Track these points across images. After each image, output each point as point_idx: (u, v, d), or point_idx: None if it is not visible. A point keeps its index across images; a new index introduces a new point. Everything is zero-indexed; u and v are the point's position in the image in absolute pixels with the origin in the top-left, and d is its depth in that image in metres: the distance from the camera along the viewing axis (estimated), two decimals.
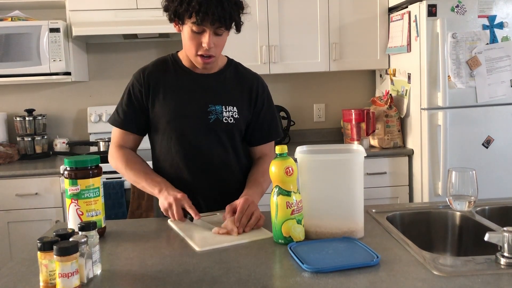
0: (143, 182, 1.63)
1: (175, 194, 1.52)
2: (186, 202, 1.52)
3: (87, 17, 3.06)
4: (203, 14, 1.47)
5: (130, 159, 1.69)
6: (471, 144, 2.88)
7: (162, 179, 1.62)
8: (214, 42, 1.55)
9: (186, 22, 1.54)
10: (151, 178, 1.63)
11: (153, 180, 1.62)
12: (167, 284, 1.09)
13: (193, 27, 1.52)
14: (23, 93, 3.46)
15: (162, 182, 1.61)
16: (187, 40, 1.57)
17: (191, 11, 1.49)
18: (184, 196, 1.53)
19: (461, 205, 1.53)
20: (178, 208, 1.50)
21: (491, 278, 1.06)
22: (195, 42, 1.55)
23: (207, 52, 1.56)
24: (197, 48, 1.56)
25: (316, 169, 1.37)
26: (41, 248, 1.06)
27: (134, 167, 1.67)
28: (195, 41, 1.55)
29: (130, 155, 1.70)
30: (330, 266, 1.13)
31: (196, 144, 1.67)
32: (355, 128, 3.18)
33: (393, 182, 3.08)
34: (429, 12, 2.80)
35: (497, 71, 2.86)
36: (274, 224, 1.34)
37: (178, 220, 1.51)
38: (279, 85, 3.62)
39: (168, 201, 1.51)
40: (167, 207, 1.52)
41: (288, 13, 3.23)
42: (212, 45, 1.54)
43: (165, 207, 1.52)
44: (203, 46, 1.54)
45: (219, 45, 1.59)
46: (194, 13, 1.48)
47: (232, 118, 1.67)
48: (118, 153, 1.70)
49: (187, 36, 1.56)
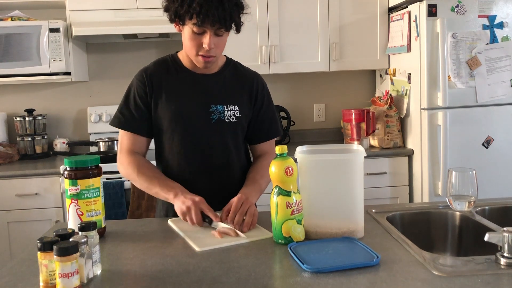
0: (156, 188, 1.59)
1: (193, 198, 1.49)
2: (204, 205, 1.49)
3: (87, 17, 3.06)
4: (203, 16, 1.47)
5: (141, 164, 1.65)
6: (471, 144, 2.88)
7: (176, 184, 1.59)
8: (215, 43, 1.55)
9: (186, 23, 1.54)
10: (165, 183, 1.59)
11: (167, 185, 1.58)
12: (167, 284, 1.09)
13: (193, 28, 1.52)
14: (23, 93, 3.46)
15: (177, 187, 1.57)
16: (188, 40, 1.57)
17: (191, 13, 1.48)
18: (201, 199, 1.50)
19: (461, 205, 1.53)
20: (197, 212, 1.47)
21: (491, 278, 1.06)
22: (195, 42, 1.55)
23: (207, 53, 1.56)
24: (198, 48, 1.56)
25: (316, 169, 1.37)
26: (41, 248, 1.06)
27: (146, 173, 1.63)
28: (196, 41, 1.55)
29: (141, 161, 1.66)
30: (330, 266, 1.13)
31: (199, 144, 1.67)
32: (355, 128, 3.18)
33: (393, 182, 3.08)
34: (429, 12, 2.81)
35: (497, 71, 2.86)
36: (274, 224, 1.34)
37: (197, 224, 1.47)
38: (279, 85, 3.62)
39: (186, 205, 1.47)
40: (185, 211, 1.47)
41: (288, 13, 3.23)
42: (212, 45, 1.54)
43: (183, 211, 1.48)
44: (203, 47, 1.55)
45: (220, 46, 1.59)
46: (195, 15, 1.48)
47: (234, 117, 1.68)
48: (128, 160, 1.65)
49: (187, 37, 1.56)
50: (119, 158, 1.69)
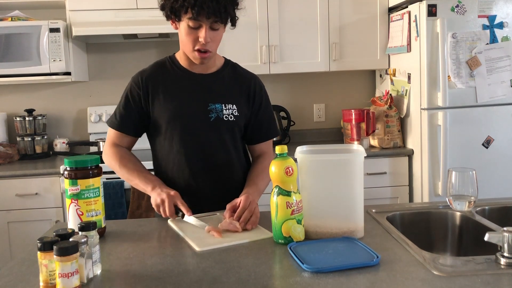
0: (136, 180, 1.65)
1: (168, 191, 1.56)
2: (178, 199, 1.55)
3: (87, 17, 3.06)
4: (198, 8, 1.50)
5: (124, 156, 1.71)
6: (471, 144, 2.88)
7: (155, 178, 1.66)
8: (211, 37, 1.57)
9: (182, 18, 1.56)
10: (144, 176, 1.65)
11: (146, 178, 1.64)
12: (167, 284, 1.09)
13: (189, 22, 1.55)
14: (23, 93, 3.46)
15: (156, 180, 1.64)
16: (184, 35, 1.59)
17: (186, 6, 1.51)
18: (176, 193, 1.56)
19: (461, 205, 1.53)
20: (170, 205, 1.53)
21: (491, 278, 1.06)
22: (191, 37, 1.57)
23: (203, 47, 1.58)
24: (194, 43, 1.58)
25: (316, 169, 1.37)
26: (41, 248, 1.06)
27: (128, 165, 1.69)
28: (192, 36, 1.57)
29: (124, 153, 1.72)
30: (330, 266, 1.13)
31: (198, 142, 1.68)
32: (355, 128, 3.18)
33: (393, 182, 3.08)
34: (429, 12, 2.80)
35: (497, 71, 2.86)
36: (274, 224, 1.34)
37: (169, 216, 1.53)
38: (279, 85, 3.62)
39: (161, 197, 1.54)
40: (159, 203, 1.54)
41: (288, 13, 3.23)
42: (208, 39, 1.56)
43: (157, 203, 1.54)
44: (199, 41, 1.57)
45: (216, 40, 1.61)
46: (190, 8, 1.51)
47: (232, 116, 1.69)
48: (112, 151, 1.71)
49: (183, 32, 1.59)
50: (104, 150, 1.75)
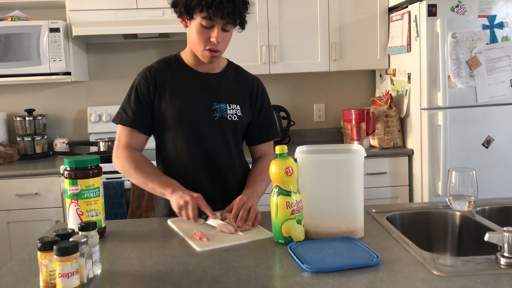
0: (153, 183, 1.59)
1: (191, 193, 1.50)
2: (202, 202, 1.50)
3: (87, 17, 3.06)
4: (215, 8, 1.50)
5: (139, 160, 1.65)
6: (471, 144, 2.88)
7: (173, 180, 1.60)
8: (222, 38, 1.58)
9: (195, 16, 1.56)
10: (163, 179, 1.60)
11: (165, 181, 1.59)
12: (167, 284, 1.09)
13: (203, 22, 1.55)
14: (23, 93, 3.46)
15: (175, 183, 1.58)
16: (195, 34, 1.59)
17: (203, 5, 1.51)
18: (200, 196, 1.51)
19: (461, 205, 1.53)
20: (194, 207, 1.47)
21: (491, 278, 1.06)
22: (203, 37, 1.57)
23: (214, 47, 1.58)
24: (205, 43, 1.58)
25: (316, 169, 1.37)
26: (41, 248, 1.06)
27: (144, 168, 1.63)
28: (204, 36, 1.57)
29: (138, 156, 1.67)
30: (330, 266, 1.13)
31: (202, 141, 1.68)
32: (355, 128, 3.18)
33: (393, 182, 3.08)
34: (429, 12, 2.81)
35: (497, 71, 2.86)
36: (274, 224, 1.34)
37: (192, 219, 1.48)
38: (279, 85, 3.62)
39: (184, 199, 1.48)
40: (182, 204, 1.48)
41: (288, 13, 3.23)
42: (220, 40, 1.57)
43: (180, 205, 1.48)
44: (211, 41, 1.57)
45: (225, 41, 1.62)
46: (206, 7, 1.51)
47: (236, 116, 1.70)
48: (125, 154, 1.65)
49: (195, 31, 1.58)
50: (116, 153, 1.68)
